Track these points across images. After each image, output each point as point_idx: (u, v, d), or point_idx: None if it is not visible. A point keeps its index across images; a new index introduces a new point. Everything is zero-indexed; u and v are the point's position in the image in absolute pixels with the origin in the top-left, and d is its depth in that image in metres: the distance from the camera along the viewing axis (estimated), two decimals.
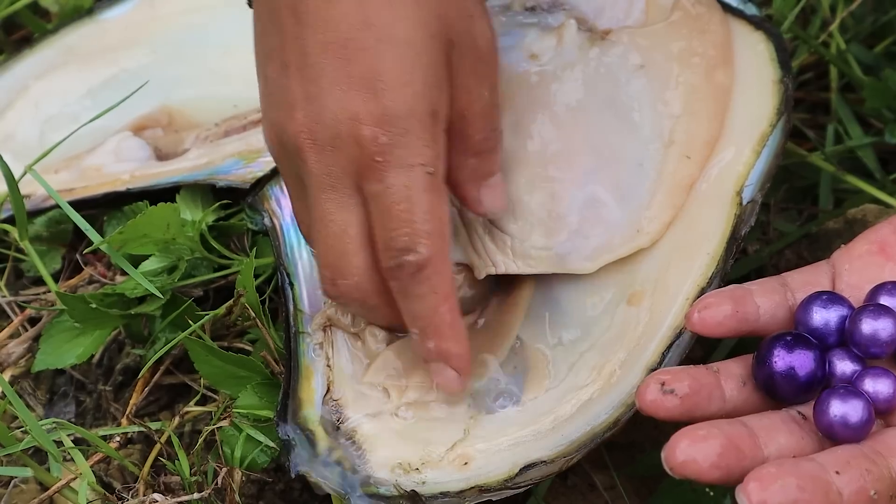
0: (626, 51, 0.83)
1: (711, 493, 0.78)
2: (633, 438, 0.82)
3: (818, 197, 0.92)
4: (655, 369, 0.73)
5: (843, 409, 0.63)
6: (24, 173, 0.85)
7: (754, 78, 0.82)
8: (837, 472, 0.60)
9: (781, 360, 0.66)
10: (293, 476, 0.74)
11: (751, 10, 0.84)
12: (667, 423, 0.80)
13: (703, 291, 0.75)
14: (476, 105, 0.74)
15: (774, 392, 0.66)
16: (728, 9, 0.85)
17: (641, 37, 0.84)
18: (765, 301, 0.69)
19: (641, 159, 0.81)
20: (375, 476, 0.74)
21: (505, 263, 0.80)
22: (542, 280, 0.80)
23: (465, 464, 0.74)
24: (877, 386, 0.65)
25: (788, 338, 0.66)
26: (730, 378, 0.66)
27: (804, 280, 0.70)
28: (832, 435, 0.64)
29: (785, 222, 0.91)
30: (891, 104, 0.92)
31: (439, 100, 0.72)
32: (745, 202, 0.78)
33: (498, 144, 0.77)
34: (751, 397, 0.67)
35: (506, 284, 0.81)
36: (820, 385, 0.66)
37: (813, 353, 0.66)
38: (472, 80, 0.74)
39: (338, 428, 0.76)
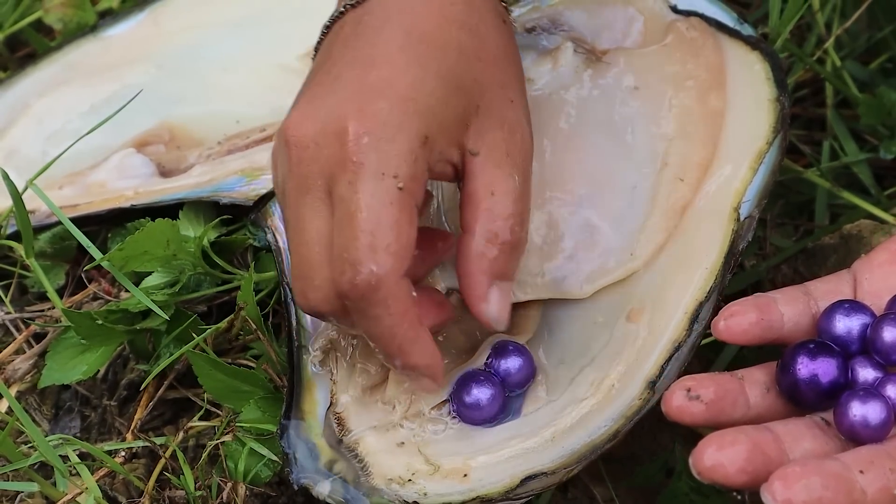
0: (621, 73, 0.84)
1: None
2: (632, 451, 0.82)
3: (814, 212, 0.92)
4: (655, 382, 0.74)
5: (864, 410, 0.64)
6: (26, 188, 0.86)
7: (751, 97, 0.83)
8: (861, 472, 0.61)
9: (805, 367, 0.66)
10: (296, 488, 0.75)
11: (747, 30, 0.85)
12: (666, 436, 0.82)
13: (701, 305, 0.76)
14: (504, 184, 0.72)
15: (798, 399, 0.67)
16: (724, 29, 0.86)
17: (636, 58, 0.85)
18: (788, 309, 0.70)
19: (635, 182, 0.82)
20: (378, 487, 0.75)
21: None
22: (548, 305, 0.81)
23: (465, 475, 0.75)
24: None
25: (811, 345, 0.67)
26: (754, 385, 0.67)
27: (827, 289, 0.71)
28: (854, 436, 0.64)
29: (781, 237, 0.91)
30: (885, 120, 0.92)
31: (437, 135, 0.71)
32: (742, 218, 0.79)
33: (522, 248, 0.74)
34: (774, 404, 0.67)
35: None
36: (842, 391, 0.66)
37: (836, 361, 0.67)
38: (502, 157, 0.73)
39: (340, 441, 0.77)
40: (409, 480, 0.75)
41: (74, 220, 0.86)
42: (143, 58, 0.99)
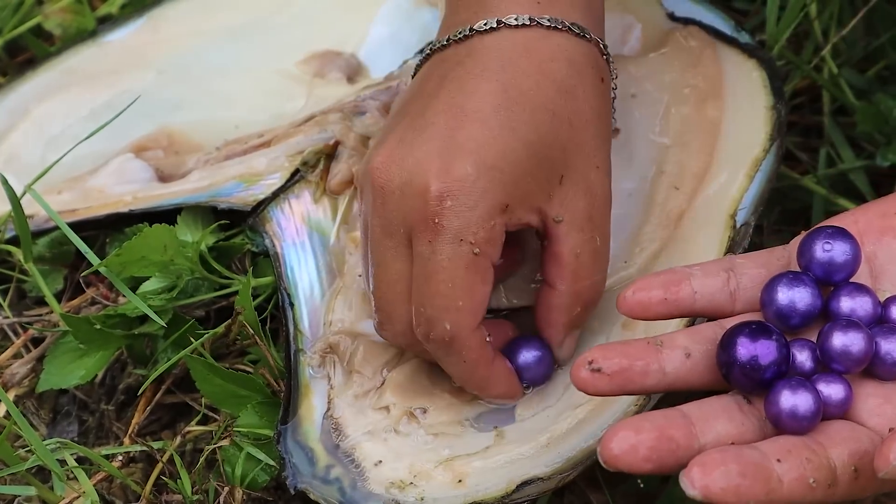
0: (619, 81, 0.85)
1: None
2: None
3: (811, 219, 0.92)
4: None
5: (794, 401, 0.64)
6: (24, 193, 0.86)
7: (748, 104, 0.83)
8: (779, 460, 0.61)
9: (745, 352, 0.65)
10: (293, 493, 0.75)
11: (744, 38, 0.86)
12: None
13: None
14: (588, 247, 0.76)
15: (735, 384, 0.66)
16: (722, 37, 0.86)
17: (634, 66, 0.85)
18: (705, 283, 0.69)
19: (631, 189, 0.82)
20: (375, 492, 0.75)
21: (496, 299, 0.81)
22: None
23: (461, 481, 0.75)
24: (829, 389, 0.66)
25: (753, 328, 0.66)
26: (674, 350, 0.67)
27: (754, 264, 0.70)
28: (779, 424, 0.64)
29: (778, 244, 0.91)
30: (882, 128, 0.92)
31: (518, 206, 0.73)
32: (738, 225, 0.80)
33: (599, 300, 0.78)
34: (695, 368, 0.67)
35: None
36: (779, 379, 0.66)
37: (776, 349, 0.65)
38: (585, 222, 0.75)
39: (337, 446, 0.77)
40: (406, 485, 0.75)
41: (73, 225, 0.86)
42: (143, 64, 0.99)
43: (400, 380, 0.79)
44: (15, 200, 0.85)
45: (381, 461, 0.76)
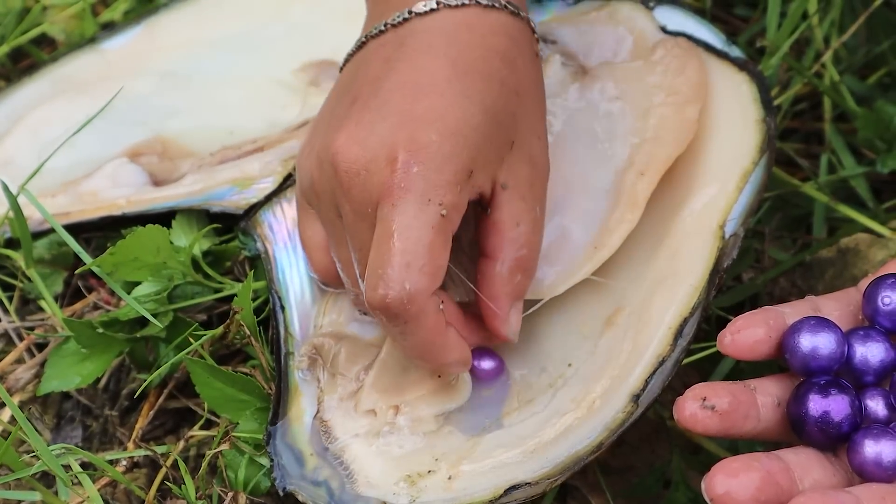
0: (605, 85, 0.85)
1: None
2: (630, 462, 0.83)
3: (812, 226, 0.92)
4: (639, 395, 0.75)
5: (878, 449, 0.63)
6: (18, 193, 0.86)
7: (738, 117, 0.84)
8: None
9: (817, 406, 0.65)
10: (281, 494, 0.75)
11: (735, 52, 0.87)
12: (663, 447, 0.82)
13: (685, 321, 0.77)
14: (528, 216, 0.76)
15: (811, 441, 0.66)
16: (713, 51, 0.87)
17: (621, 71, 0.86)
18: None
19: (608, 185, 0.83)
20: (363, 495, 0.76)
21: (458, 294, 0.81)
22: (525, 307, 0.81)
23: (450, 485, 0.75)
24: None
25: (823, 384, 0.65)
26: (765, 397, 0.66)
27: (834, 305, 0.71)
28: (864, 473, 0.64)
29: (779, 251, 0.91)
30: (883, 134, 0.93)
31: (481, 168, 0.73)
32: (727, 236, 0.80)
33: (533, 274, 0.78)
34: (784, 418, 0.66)
35: None
36: (854, 432, 0.65)
37: (849, 401, 0.65)
38: (527, 190, 0.76)
39: (326, 448, 0.78)
40: (394, 488, 0.75)
41: (67, 228, 0.87)
42: (139, 71, 1.00)
43: (376, 379, 0.79)
44: (15, 205, 0.85)
45: (369, 464, 0.77)
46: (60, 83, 1.00)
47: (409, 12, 0.76)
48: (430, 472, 0.76)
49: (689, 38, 0.87)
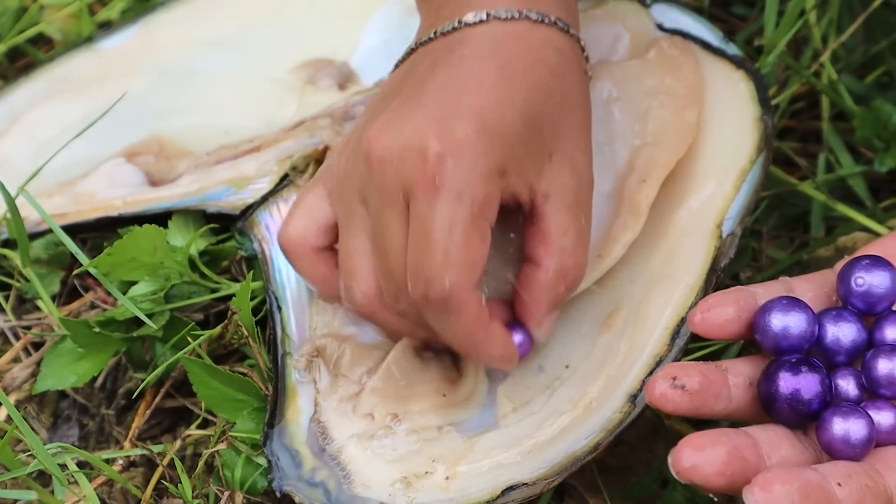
0: (603, 85, 0.85)
1: None
2: (628, 462, 0.83)
3: (809, 225, 0.92)
4: (636, 395, 0.75)
5: (846, 427, 0.64)
6: (17, 194, 0.86)
7: (735, 116, 0.84)
8: (839, 484, 0.61)
9: (787, 386, 0.65)
10: (278, 495, 0.75)
11: (732, 49, 0.86)
12: (661, 447, 0.82)
13: (682, 321, 0.77)
14: (575, 226, 0.76)
15: (781, 419, 0.66)
16: (709, 48, 0.87)
17: (617, 70, 0.86)
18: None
19: (608, 191, 0.83)
20: (360, 496, 0.76)
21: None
22: None
23: (446, 486, 0.75)
24: (879, 416, 0.66)
25: (796, 363, 0.66)
26: (737, 377, 0.66)
27: (809, 287, 0.71)
28: (832, 451, 0.64)
29: (776, 250, 0.91)
30: (881, 133, 0.92)
31: (515, 171, 0.74)
32: (724, 235, 0.80)
33: (578, 285, 0.78)
34: (756, 399, 0.67)
35: None
36: (824, 409, 0.66)
37: (819, 379, 0.65)
38: (573, 201, 0.76)
39: (323, 449, 0.78)
40: (391, 490, 0.75)
41: (64, 229, 0.86)
42: (136, 70, 0.99)
43: (379, 385, 0.79)
44: (13, 206, 0.85)
45: (366, 465, 0.77)
46: (57, 83, 0.99)
47: (459, 22, 0.77)
48: (426, 473, 0.76)
49: (686, 35, 0.87)
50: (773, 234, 0.93)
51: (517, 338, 0.79)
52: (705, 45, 0.87)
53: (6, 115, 0.99)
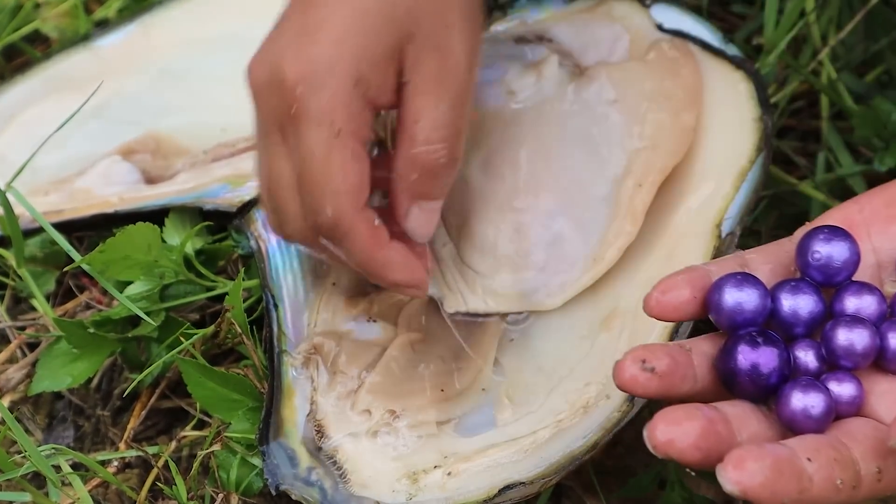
0: (602, 86, 0.85)
1: None
2: (625, 463, 0.83)
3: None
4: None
5: (805, 401, 0.63)
6: (6, 190, 0.86)
7: (734, 116, 0.84)
8: (809, 459, 0.60)
9: (746, 361, 0.64)
10: (274, 493, 0.75)
11: (732, 50, 0.86)
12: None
13: (681, 321, 0.76)
14: (430, 112, 0.74)
15: (741, 394, 0.65)
16: (709, 49, 0.87)
17: (616, 72, 0.86)
18: None
19: (605, 193, 0.83)
20: (356, 495, 0.76)
21: (473, 301, 0.81)
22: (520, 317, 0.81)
23: (444, 484, 0.75)
24: (840, 388, 0.65)
25: (754, 337, 0.65)
26: (701, 357, 0.66)
27: (764, 259, 0.70)
28: (794, 426, 0.64)
29: None
30: (880, 132, 0.92)
31: (369, 72, 0.73)
32: (724, 235, 0.80)
33: (447, 169, 0.76)
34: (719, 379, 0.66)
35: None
36: (783, 383, 0.65)
37: (778, 356, 0.65)
38: (430, 85, 0.74)
39: (320, 448, 0.78)
40: (388, 488, 0.75)
41: (60, 226, 0.87)
42: (133, 69, 0.99)
43: (378, 381, 0.79)
44: (6, 203, 0.85)
45: (362, 464, 0.77)
46: (53, 81, 0.99)
47: None
48: (424, 471, 0.76)
49: (686, 36, 0.87)
50: (772, 233, 0.92)
51: None
52: (705, 46, 0.87)
53: (2, 114, 0.99)
